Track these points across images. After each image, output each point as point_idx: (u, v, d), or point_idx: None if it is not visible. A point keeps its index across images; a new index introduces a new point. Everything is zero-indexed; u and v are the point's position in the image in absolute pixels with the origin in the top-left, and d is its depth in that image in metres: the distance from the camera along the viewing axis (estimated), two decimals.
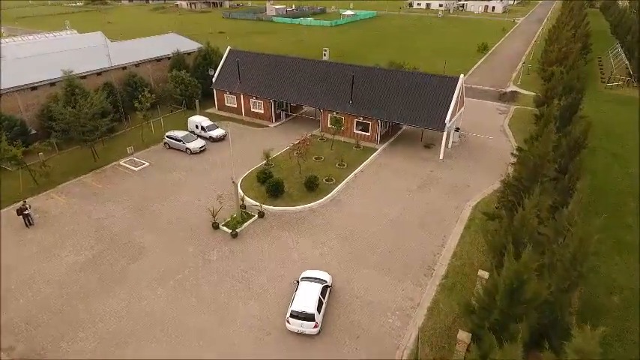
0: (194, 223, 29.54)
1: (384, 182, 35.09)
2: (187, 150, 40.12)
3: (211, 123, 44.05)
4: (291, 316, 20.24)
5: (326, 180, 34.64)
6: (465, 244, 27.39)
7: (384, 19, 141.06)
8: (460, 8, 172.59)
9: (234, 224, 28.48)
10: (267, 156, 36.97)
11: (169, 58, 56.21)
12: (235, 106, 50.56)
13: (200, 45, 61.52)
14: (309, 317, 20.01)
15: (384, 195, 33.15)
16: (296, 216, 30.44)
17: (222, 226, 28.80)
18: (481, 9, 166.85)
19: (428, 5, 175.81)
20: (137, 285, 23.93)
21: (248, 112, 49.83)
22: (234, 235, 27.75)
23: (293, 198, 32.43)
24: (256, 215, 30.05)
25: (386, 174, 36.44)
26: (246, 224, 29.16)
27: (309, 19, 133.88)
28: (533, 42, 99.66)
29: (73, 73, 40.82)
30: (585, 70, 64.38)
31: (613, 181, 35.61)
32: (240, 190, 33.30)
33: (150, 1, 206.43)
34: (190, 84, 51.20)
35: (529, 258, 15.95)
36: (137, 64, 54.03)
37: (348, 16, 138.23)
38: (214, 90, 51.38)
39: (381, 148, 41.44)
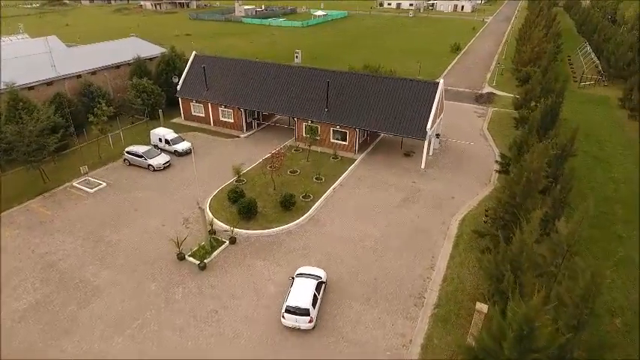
0: (157, 254, 26.35)
1: (365, 197, 32.84)
2: (150, 167, 36.66)
3: (176, 135, 40.65)
4: (287, 311, 20.48)
5: (303, 197, 32.07)
6: (455, 266, 25.42)
7: (356, 19, 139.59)
8: (430, 8, 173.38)
9: (202, 254, 25.50)
10: (237, 172, 34.05)
11: (130, 65, 52.17)
12: (203, 115, 47.23)
13: (164, 49, 57.72)
14: (304, 312, 20.32)
15: (365, 212, 30.88)
16: (271, 240, 27.73)
17: (189, 256, 25.77)
18: (451, 8, 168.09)
19: (398, 5, 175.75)
20: (89, 335, 20.66)
21: (217, 122, 46.62)
22: (203, 267, 24.79)
23: (268, 219, 29.70)
24: (227, 241, 27.15)
25: (366, 187, 34.20)
26: (215, 253, 26.21)
27: (279, 19, 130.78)
28: (503, 41, 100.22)
29: (17, 84, 36.58)
30: (558, 71, 64.44)
31: (598, 187, 34.64)
32: (209, 213, 30.29)
33: (112, 2, 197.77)
34: (153, 92, 47.49)
35: (540, 301, 13.90)
36: (94, 72, 49.83)
37: (320, 16, 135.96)
38: (179, 98, 47.85)
39: (359, 158, 39.21)
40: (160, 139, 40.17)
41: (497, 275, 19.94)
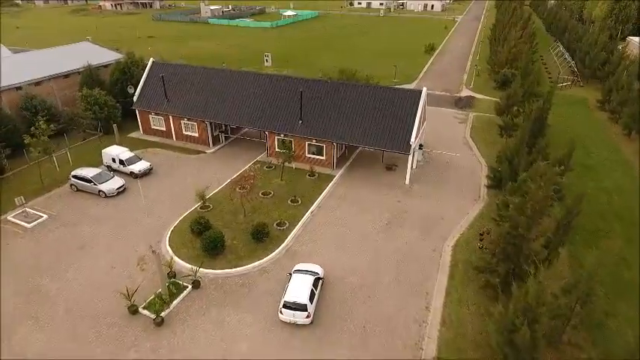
0: (104, 306, 22.12)
1: (347, 221, 29.51)
2: (100, 193, 32.08)
3: (132, 154, 36.09)
4: (284, 306, 20.63)
5: (277, 224, 28.42)
6: (452, 304, 22.45)
7: (327, 19, 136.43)
8: (400, 7, 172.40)
9: (159, 305, 21.45)
10: (202, 197, 30.02)
11: (80, 73, 46.87)
12: (164, 129, 42.70)
13: (120, 55, 52.59)
14: (302, 307, 20.44)
15: (348, 239, 27.55)
16: (242, 281, 23.97)
17: (143, 309, 21.70)
18: (421, 7, 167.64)
19: (369, 4, 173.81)
20: None
21: (180, 136, 42.22)
22: (160, 323, 20.80)
23: (238, 254, 25.90)
24: (190, 286, 23.22)
25: (347, 209, 30.89)
26: (175, 302, 22.24)
27: (247, 20, 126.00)
28: (476, 40, 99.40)
29: None
30: (537, 72, 63.27)
31: (593, 200, 32.51)
32: (168, 250, 26.20)
33: (69, 2, 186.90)
34: (106, 104, 42.63)
35: None
36: (38, 83, 44.35)
37: (290, 16, 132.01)
38: (137, 111, 43.13)
39: (338, 174, 35.88)
40: (114, 159, 35.54)
41: (509, 327, 17.04)
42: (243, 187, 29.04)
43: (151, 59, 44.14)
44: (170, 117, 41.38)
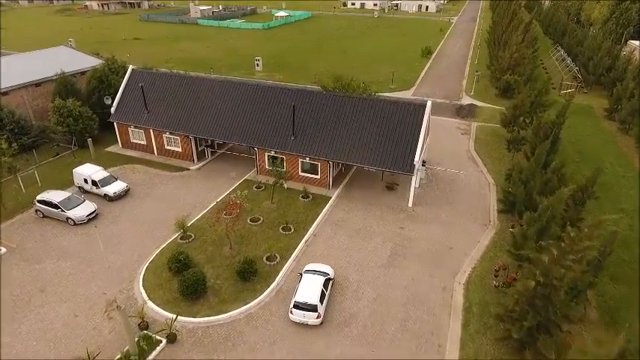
0: None
1: (345, 253, 26.40)
2: (69, 220, 28.62)
3: (106, 174, 32.61)
4: (295, 306, 20.62)
5: (267, 259, 25.22)
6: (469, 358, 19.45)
7: (320, 20, 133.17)
8: (395, 8, 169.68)
9: None
10: (182, 226, 26.70)
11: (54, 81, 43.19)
12: (144, 142, 39.25)
13: (100, 61, 48.92)
14: (312, 308, 20.45)
15: (346, 277, 24.42)
16: (226, 332, 20.75)
17: None
18: (415, 8, 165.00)
19: (362, 5, 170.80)
20: None
21: (161, 151, 38.80)
22: None
23: (221, 296, 22.67)
24: (164, 339, 19.94)
25: (345, 238, 27.77)
26: None
27: (238, 21, 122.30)
28: (473, 43, 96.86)
29: None
30: (540, 78, 60.70)
31: (611, 224, 29.77)
32: (141, 291, 22.88)
33: (54, 2, 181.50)
34: (81, 116, 39.07)
35: None
36: (5, 92, 40.64)
37: (282, 17, 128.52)
38: (115, 123, 39.60)
39: (334, 194, 32.76)
40: (86, 180, 32.05)
41: None
42: (230, 213, 25.73)
43: (130, 67, 40.63)
44: (151, 130, 37.96)
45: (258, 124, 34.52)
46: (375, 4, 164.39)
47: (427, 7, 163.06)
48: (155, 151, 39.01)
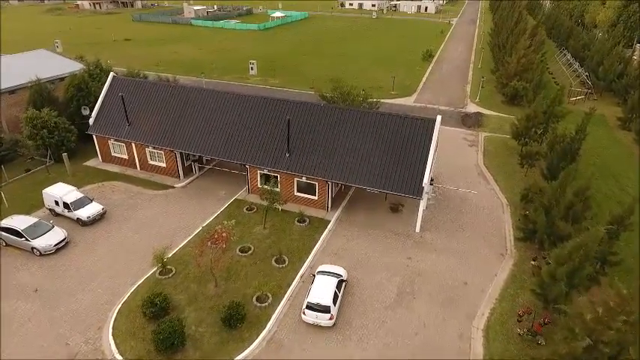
0: None
1: (346, 290, 23.26)
2: (34, 250, 25.36)
3: (80, 195, 29.30)
4: (307, 307, 20.52)
5: (257, 299, 22.08)
6: None
7: (317, 21, 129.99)
8: (393, 8, 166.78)
9: None
10: (161, 260, 23.49)
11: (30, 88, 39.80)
12: (126, 157, 36.00)
13: (82, 65, 45.52)
14: (325, 309, 20.33)
15: (348, 322, 21.32)
16: None
17: None
18: (414, 9, 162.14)
19: (360, 5, 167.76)
20: None
21: (145, 166, 35.57)
22: None
23: (203, 348, 19.50)
24: None
25: (347, 273, 24.61)
26: None
27: (233, 22, 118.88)
28: (475, 47, 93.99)
29: None
30: (548, 85, 58.00)
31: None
32: (110, 342, 19.67)
33: (45, 1, 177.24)
34: (57, 128, 35.80)
35: None
36: None
37: (278, 18, 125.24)
38: (94, 136, 36.31)
39: (334, 217, 29.65)
40: (57, 202, 28.77)
41: None
42: (215, 243, 22.50)
43: (111, 74, 37.35)
44: (132, 144, 34.71)
45: (249, 138, 31.36)
46: (374, 5, 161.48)
47: (426, 7, 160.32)
48: (138, 166, 35.77)
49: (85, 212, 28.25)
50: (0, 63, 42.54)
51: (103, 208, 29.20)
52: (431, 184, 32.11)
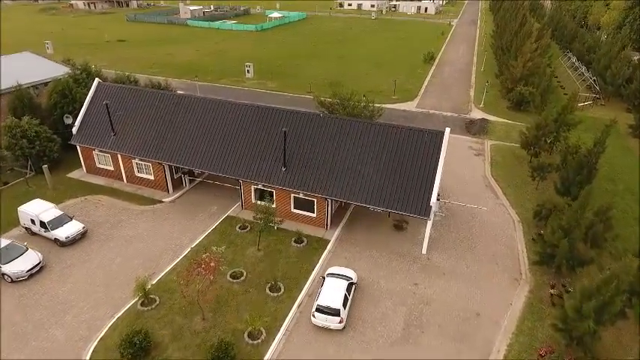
0: None
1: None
2: (5, 277, 23.12)
3: (58, 213, 27.04)
4: (317, 310, 20.32)
5: (249, 335, 19.90)
6: None
7: (316, 22, 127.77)
8: (393, 9, 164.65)
9: None
10: (143, 289, 21.26)
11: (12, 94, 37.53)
12: (112, 168, 33.77)
13: (67, 69, 43.23)
14: (335, 312, 20.17)
15: None
16: None
17: None
18: (414, 10, 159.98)
19: (359, 5, 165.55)
20: None
21: (131, 178, 33.35)
22: None
23: None
24: None
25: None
26: None
27: (229, 22, 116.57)
28: (476, 49, 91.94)
29: None
30: (554, 89, 56.04)
31: None
32: None
33: (39, 1, 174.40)
34: (39, 137, 33.57)
35: None
36: None
37: (276, 18, 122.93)
38: (78, 146, 34.06)
39: (333, 237, 27.49)
40: (33, 221, 26.51)
41: None
42: (205, 269, 20.25)
43: (96, 80, 35.07)
44: (119, 155, 32.47)
45: (243, 150, 29.17)
46: (373, 5, 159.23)
47: (426, 8, 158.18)
48: (124, 179, 33.55)
49: (64, 232, 25.98)
50: None
51: (83, 227, 26.94)
52: (437, 200, 29.96)
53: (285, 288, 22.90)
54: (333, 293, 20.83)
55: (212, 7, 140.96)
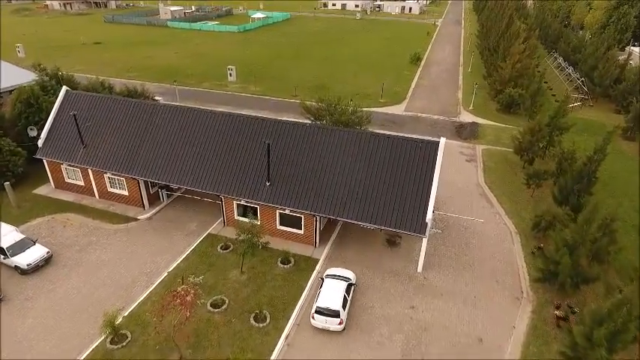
0: None
1: (341, 353, 19.29)
2: None
3: (19, 237, 24.56)
4: (317, 312, 20.17)
5: None
6: None
7: (300, 22, 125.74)
8: (377, 9, 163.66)
9: None
10: (112, 326, 19.03)
11: None
12: (82, 183, 31.29)
13: (34, 76, 40.36)
14: (335, 314, 19.99)
15: None
16: None
17: None
18: (398, 10, 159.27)
19: (343, 5, 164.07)
20: None
21: (104, 194, 30.95)
22: None
23: None
24: None
25: (338, 331, 20.65)
26: None
27: (211, 23, 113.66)
28: (462, 49, 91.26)
29: None
30: (543, 92, 55.26)
31: None
32: None
33: (12, 1, 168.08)
34: (2, 150, 30.89)
35: None
36: None
37: (259, 19, 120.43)
38: (44, 160, 31.46)
39: (322, 256, 25.65)
40: None
41: None
42: (181, 304, 18.17)
43: (64, 87, 32.47)
44: (89, 169, 30.03)
45: (224, 164, 27.08)
46: (357, 5, 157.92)
47: (410, 8, 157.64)
48: (96, 194, 31.11)
49: (25, 259, 23.50)
50: None
51: (47, 252, 24.51)
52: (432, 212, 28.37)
53: (271, 317, 20.95)
54: (332, 295, 20.66)
55: (193, 7, 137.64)
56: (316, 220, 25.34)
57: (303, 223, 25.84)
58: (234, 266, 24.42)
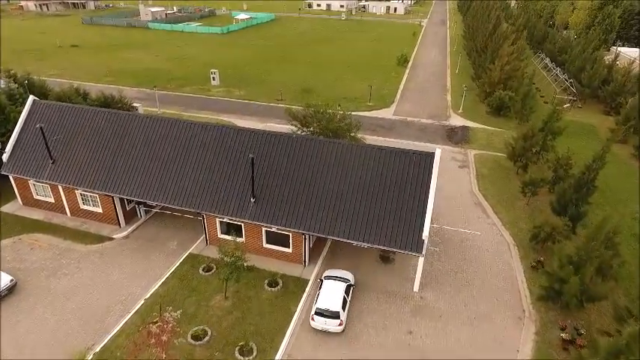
0: None
1: None
2: None
3: None
4: (316, 313, 20.20)
5: None
6: None
7: (285, 23, 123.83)
8: (362, 9, 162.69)
9: None
10: None
11: None
12: (52, 200, 29.04)
13: (2, 84, 37.73)
14: (334, 315, 20.02)
15: None
16: None
17: None
18: (383, 10, 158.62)
19: (328, 6, 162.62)
20: None
21: (76, 211, 28.76)
22: None
23: None
24: None
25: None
26: None
27: (193, 24, 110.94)
28: (448, 49, 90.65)
29: None
30: (533, 94, 54.55)
31: None
32: None
33: None
34: None
35: None
36: None
37: (243, 20, 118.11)
38: (10, 176, 29.11)
39: (312, 276, 24.00)
40: None
41: None
42: (156, 343, 16.31)
43: (31, 97, 30.13)
44: (59, 185, 27.82)
45: (205, 179, 25.21)
46: (342, 6, 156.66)
47: (395, 8, 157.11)
48: (67, 212, 28.91)
49: None
50: None
51: (11, 280, 22.35)
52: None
53: (258, 349, 19.25)
54: (331, 296, 20.69)
55: (175, 8, 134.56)
56: (305, 238, 23.70)
57: (291, 241, 24.17)
58: (218, 291, 22.61)
